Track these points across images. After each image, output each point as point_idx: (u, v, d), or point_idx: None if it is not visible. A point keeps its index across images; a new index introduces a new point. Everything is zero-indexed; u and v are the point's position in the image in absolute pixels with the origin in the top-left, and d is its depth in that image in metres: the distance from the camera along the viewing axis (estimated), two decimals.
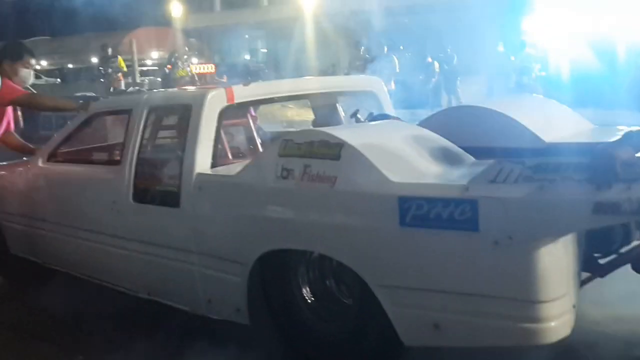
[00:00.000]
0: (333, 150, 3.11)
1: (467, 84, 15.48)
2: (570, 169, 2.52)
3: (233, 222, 3.58)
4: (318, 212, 3.17)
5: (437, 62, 16.27)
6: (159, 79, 20.21)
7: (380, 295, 2.99)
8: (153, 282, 4.14)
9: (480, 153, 3.33)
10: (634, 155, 2.51)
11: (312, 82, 5.25)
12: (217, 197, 3.70)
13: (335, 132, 3.27)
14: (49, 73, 34.04)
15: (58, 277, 4.88)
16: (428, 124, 3.74)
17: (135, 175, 4.15)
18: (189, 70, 17.57)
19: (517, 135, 3.66)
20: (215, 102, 3.96)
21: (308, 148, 3.22)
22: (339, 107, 5.18)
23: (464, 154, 3.33)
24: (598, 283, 3.04)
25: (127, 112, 4.44)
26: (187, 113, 3.98)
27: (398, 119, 4.19)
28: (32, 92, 6.17)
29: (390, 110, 4.77)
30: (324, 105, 5.23)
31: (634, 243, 3.07)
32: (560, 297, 2.65)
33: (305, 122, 8.66)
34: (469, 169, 3.05)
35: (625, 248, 3.08)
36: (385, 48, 14.49)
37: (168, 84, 16.88)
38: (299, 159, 3.23)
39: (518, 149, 3.49)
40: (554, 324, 2.64)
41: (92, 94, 12.62)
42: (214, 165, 3.84)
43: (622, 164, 2.41)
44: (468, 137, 3.54)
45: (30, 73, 5.44)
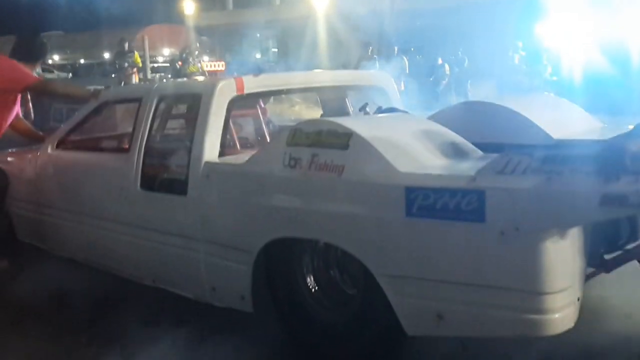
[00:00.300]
0: (341, 140, 3.12)
1: (477, 87, 15.44)
2: (579, 161, 2.51)
3: (240, 210, 3.59)
4: (325, 201, 3.17)
5: (447, 64, 16.25)
6: (169, 76, 20.27)
7: (385, 285, 2.99)
8: (158, 269, 4.16)
9: (488, 148, 3.32)
10: None
11: (322, 75, 5.25)
12: (224, 185, 3.71)
13: (344, 122, 3.27)
14: (61, 68, 34.25)
15: (63, 262, 4.88)
16: (437, 118, 3.73)
17: (144, 163, 4.17)
18: (200, 67, 17.61)
19: (525, 132, 3.65)
20: (225, 91, 3.98)
21: (316, 137, 3.22)
22: (348, 101, 5.19)
23: (472, 148, 3.32)
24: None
25: (137, 100, 4.46)
26: (196, 102, 3.99)
27: (407, 113, 4.18)
28: (45, 78, 6.21)
29: (399, 106, 4.77)
30: (333, 99, 5.23)
31: None
32: (565, 289, 2.64)
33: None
34: (476, 162, 3.04)
35: (632, 244, 3.07)
36: (396, 49, 14.50)
37: None
38: (307, 148, 3.23)
39: (526, 146, 3.48)
40: (558, 316, 2.63)
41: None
42: (222, 155, 3.85)
43: (631, 156, 2.40)
44: (476, 132, 3.53)
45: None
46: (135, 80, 17.14)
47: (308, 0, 24.37)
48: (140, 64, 18.84)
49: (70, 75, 32.36)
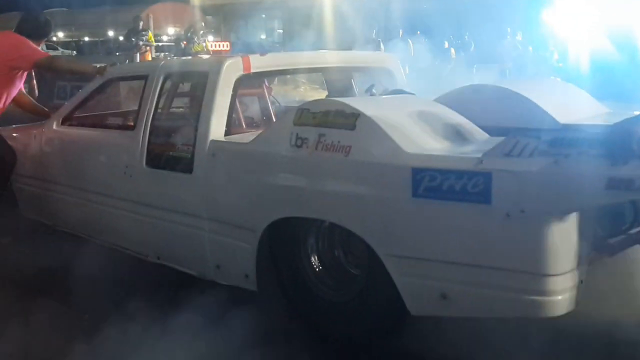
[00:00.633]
0: (349, 120, 3.12)
1: (483, 72, 15.37)
2: (586, 144, 2.51)
3: (245, 189, 3.60)
4: (331, 181, 3.18)
5: (453, 48, 16.17)
6: (173, 55, 20.20)
7: (390, 265, 3.01)
8: (163, 246, 4.18)
9: (494, 132, 3.32)
10: None
11: (328, 55, 5.24)
12: (230, 164, 3.72)
13: (352, 102, 3.27)
14: (66, 45, 34.15)
15: (66, 237, 4.90)
16: (443, 101, 3.72)
17: (149, 141, 4.18)
18: (205, 47, 17.54)
19: (531, 116, 3.64)
20: (232, 70, 3.98)
21: (323, 117, 3.23)
22: (354, 82, 5.18)
23: (478, 130, 3.32)
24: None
25: (143, 77, 4.46)
26: (203, 80, 3.99)
27: (413, 95, 4.18)
28: (52, 54, 6.20)
29: (405, 88, 4.75)
30: (339, 80, 5.22)
31: None
32: (569, 271, 2.67)
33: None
34: (483, 145, 3.05)
35: (635, 229, 3.08)
36: (401, 32, 14.40)
37: None
38: (314, 128, 3.24)
39: (532, 129, 3.47)
40: (561, 298, 2.65)
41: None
42: (228, 134, 3.85)
43: (638, 141, 2.40)
44: (482, 115, 3.52)
45: None
46: (149, 59, 17.05)
47: None
48: (154, 43, 18.73)
49: (75, 53, 32.27)
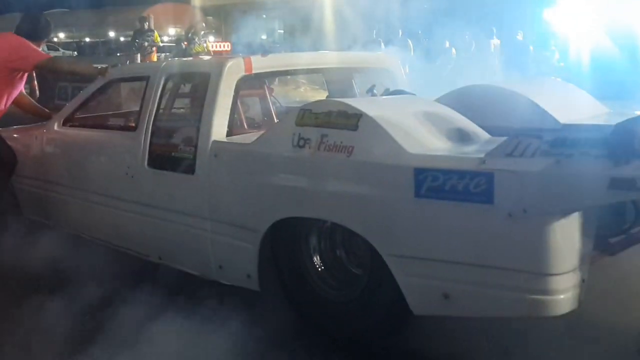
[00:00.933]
0: (351, 121, 3.13)
1: (484, 72, 15.35)
2: (589, 144, 2.52)
3: (248, 189, 3.60)
4: (334, 181, 3.19)
5: (454, 48, 16.15)
6: (173, 56, 20.21)
7: (392, 265, 3.02)
8: (164, 247, 4.19)
9: (495, 132, 3.33)
10: None
11: (329, 56, 5.25)
12: (232, 164, 3.73)
13: (354, 103, 3.28)
14: (66, 46, 34.19)
15: (68, 238, 4.91)
16: (444, 101, 3.73)
17: (151, 142, 4.18)
18: (206, 47, 17.52)
19: (532, 116, 3.64)
20: (234, 71, 3.99)
21: (326, 118, 3.23)
22: (354, 83, 5.18)
23: (480, 130, 3.33)
24: None
25: (144, 79, 4.46)
26: (205, 81, 4.00)
27: (414, 95, 4.18)
28: (53, 56, 6.20)
29: (406, 89, 4.75)
30: (339, 81, 5.23)
31: None
32: (571, 270, 2.67)
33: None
34: (484, 145, 3.06)
35: (637, 228, 3.09)
36: (400, 32, 14.39)
37: None
38: (316, 129, 3.24)
39: (532, 129, 3.48)
40: (563, 297, 2.66)
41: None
42: (230, 134, 3.86)
43: None
44: (483, 115, 3.53)
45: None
46: (154, 59, 17.02)
47: None
48: (161, 43, 18.69)
49: (76, 54, 32.32)
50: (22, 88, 5.35)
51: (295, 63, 4.70)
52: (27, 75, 5.34)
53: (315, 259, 3.53)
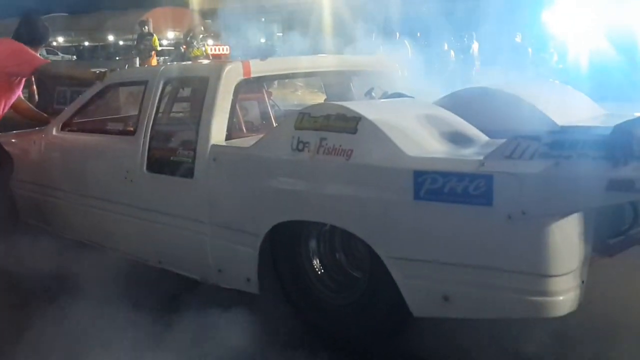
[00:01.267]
0: (350, 124, 3.13)
1: (482, 74, 15.37)
2: (587, 146, 2.52)
3: (247, 193, 3.60)
4: (333, 184, 3.19)
5: (453, 50, 16.17)
6: (172, 59, 20.22)
7: (392, 267, 3.02)
8: (164, 251, 4.19)
9: (493, 134, 3.33)
10: None
11: (328, 59, 5.25)
12: (231, 168, 3.73)
13: (353, 106, 3.28)
14: (66, 50, 34.22)
15: (66, 243, 4.90)
16: (443, 104, 3.74)
17: (150, 146, 4.18)
18: (204, 51, 17.53)
19: (530, 118, 3.65)
20: (232, 75, 4.00)
21: (325, 121, 3.24)
22: (352, 86, 5.19)
23: (479, 133, 3.33)
24: None
25: (143, 83, 4.47)
26: (203, 85, 4.00)
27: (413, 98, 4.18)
28: (51, 60, 6.19)
29: (405, 91, 4.75)
30: (337, 84, 5.23)
31: None
32: (570, 272, 2.68)
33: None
34: (483, 147, 3.07)
35: (635, 230, 3.10)
36: (397, 34, 14.38)
37: None
38: (315, 132, 3.25)
39: (531, 131, 3.48)
40: (563, 298, 2.67)
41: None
42: (229, 138, 3.87)
43: (638, 142, 2.41)
44: (481, 118, 3.53)
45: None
46: (154, 63, 17.00)
47: None
48: (159, 47, 18.68)
49: (75, 58, 32.35)
50: (20, 93, 5.35)
51: (294, 67, 4.70)
52: (25, 80, 5.34)
53: (315, 262, 3.54)
